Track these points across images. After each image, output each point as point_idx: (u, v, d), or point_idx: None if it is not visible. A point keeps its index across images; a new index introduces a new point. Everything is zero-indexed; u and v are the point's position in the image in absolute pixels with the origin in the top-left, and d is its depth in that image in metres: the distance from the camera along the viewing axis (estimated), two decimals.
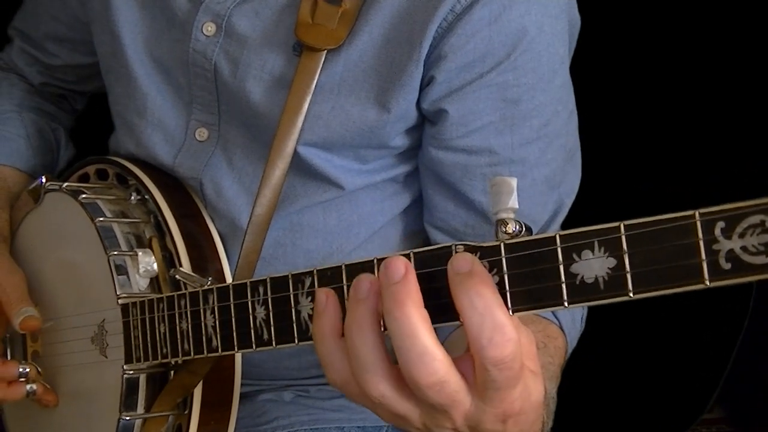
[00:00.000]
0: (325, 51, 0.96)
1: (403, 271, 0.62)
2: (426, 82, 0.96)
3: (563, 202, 1.02)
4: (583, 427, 1.64)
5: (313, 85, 0.96)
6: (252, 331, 0.77)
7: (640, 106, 1.58)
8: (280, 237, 1.05)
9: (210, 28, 1.02)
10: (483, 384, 0.62)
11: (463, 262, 0.61)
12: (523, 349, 0.63)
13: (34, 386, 1.06)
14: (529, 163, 0.98)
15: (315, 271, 0.71)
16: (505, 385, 0.62)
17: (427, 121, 1.00)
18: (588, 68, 1.12)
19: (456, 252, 0.64)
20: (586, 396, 1.62)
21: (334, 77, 0.97)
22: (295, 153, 0.98)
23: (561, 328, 0.98)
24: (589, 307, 0.70)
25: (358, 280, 0.64)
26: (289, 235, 1.05)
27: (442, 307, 0.63)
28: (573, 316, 1.01)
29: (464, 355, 0.63)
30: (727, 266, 0.52)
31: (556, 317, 0.98)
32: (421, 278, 0.63)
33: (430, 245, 0.68)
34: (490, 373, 0.61)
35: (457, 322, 0.62)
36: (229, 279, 1.02)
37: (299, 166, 1.01)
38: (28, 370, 1.06)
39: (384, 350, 0.64)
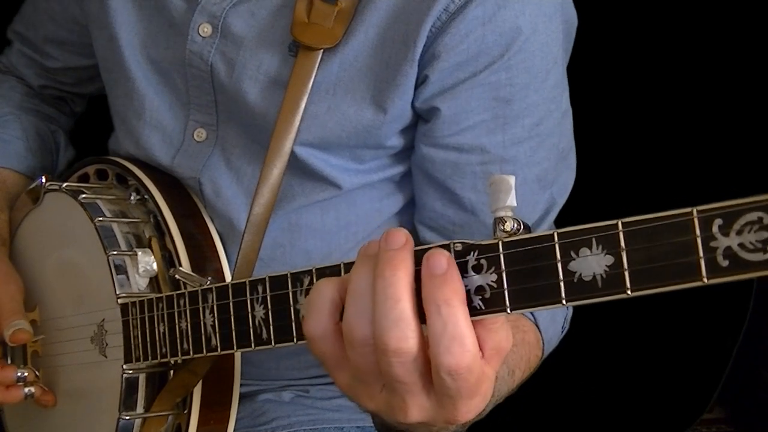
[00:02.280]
0: (321, 50, 0.96)
1: (403, 240, 0.63)
2: (420, 81, 0.96)
3: (555, 201, 1.02)
4: (583, 427, 1.64)
5: (310, 85, 0.96)
6: (251, 330, 0.77)
7: (638, 106, 1.58)
8: (279, 237, 1.05)
9: (206, 29, 1.02)
10: (439, 389, 0.63)
11: (437, 263, 0.62)
12: (501, 344, 0.63)
13: (32, 389, 1.06)
14: (520, 162, 0.98)
15: (314, 270, 0.72)
16: (458, 394, 0.63)
17: (420, 119, 1.00)
18: (586, 68, 1.12)
19: (454, 250, 0.64)
20: (586, 396, 1.62)
21: (330, 77, 0.97)
22: (292, 153, 0.98)
23: (536, 324, 0.98)
24: (589, 306, 0.70)
25: (369, 243, 0.65)
26: (288, 235, 1.05)
27: None
28: (553, 315, 1.01)
29: None
30: (725, 263, 0.52)
31: (531, 314, 0.98)
32: (417, 276, 0.63)
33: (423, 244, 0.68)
34: (444, 381, 0.62)
35: None
36: (228, 278, 1.02)
37: (296, 166, 1.01)
38: (26, 374, 1.06)
39: None
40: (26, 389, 1.06)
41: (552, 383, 0.92)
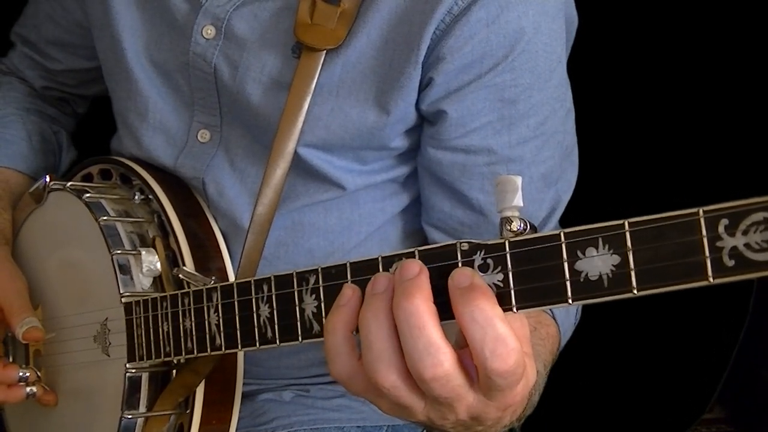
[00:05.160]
0: (324, 51, 0.96)
1: (417, 270, 0.64)
2: (425, 84, 0.96)
3: (560, 198, 1.03)
4: (583, 427, 1.64)
5: (313, 86, 0.97)
6: (256, 329, 0.77)
7: (643, 105, 1.58)
8: (282, 236, 1.05)
9: (209, 31, 1.02)
10: (487, 387, 0.64)
11: (462, 277, 0.63)
12: (520, 331, 0.64)
13: (34, 389, 1.07)
14: (526, 161, 0.99)
15: (319, 269, 0.72)
16: (509, 387, 0.63)
17: (425, 121, 1.00)
18: (589, 67, 1.12)
19: (461, 249, 0.64)
20: (586, 396, 1.62)
21: (333, 78, 0.98)
22: (296, 154, 0.98)
23: (554, 318, 0.99)
24: (589, 306, 0.70)
25: (376, 276, 0.66)
26: (291, 234, 1.06)
27: (445, 305, 0.63)
28: (567, 308, 1.02)
29: (465, 350, 0.64)
30: (731, 263, 0.53)
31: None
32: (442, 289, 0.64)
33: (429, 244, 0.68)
34: (494, 382, 0.62)
35: None
36: (232, 278, 1.02)
37: (300, 167, 1.01)
38: (28, 374, 1.07)
39: (398, 341, 0.64)
40: (28, 389, 1.07)
41: (552, 383, 0.93)
